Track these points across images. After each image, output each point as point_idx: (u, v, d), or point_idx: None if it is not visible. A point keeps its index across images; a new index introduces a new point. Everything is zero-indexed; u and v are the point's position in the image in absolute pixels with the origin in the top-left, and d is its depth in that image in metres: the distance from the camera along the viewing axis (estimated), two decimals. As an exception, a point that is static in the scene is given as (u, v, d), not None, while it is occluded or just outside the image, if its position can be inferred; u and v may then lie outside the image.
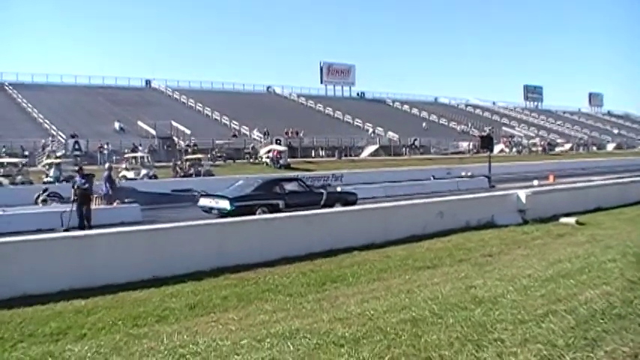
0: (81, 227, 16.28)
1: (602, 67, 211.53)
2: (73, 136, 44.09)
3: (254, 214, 17.43)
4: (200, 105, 65.54)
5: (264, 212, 18.00)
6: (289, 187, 20.50)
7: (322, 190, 21.59)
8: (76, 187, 17.39)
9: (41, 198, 23.29)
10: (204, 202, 19.99)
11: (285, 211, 17.43)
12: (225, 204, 18.63)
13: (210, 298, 8.98)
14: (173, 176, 35.66)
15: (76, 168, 20.97)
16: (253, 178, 23.64)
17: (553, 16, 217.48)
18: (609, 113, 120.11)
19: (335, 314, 7.08)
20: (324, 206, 19.56)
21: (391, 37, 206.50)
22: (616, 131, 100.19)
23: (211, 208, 19.24)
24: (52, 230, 15.40)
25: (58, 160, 34.81)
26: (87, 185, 17.52)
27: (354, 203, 20.83)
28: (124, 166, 35.39)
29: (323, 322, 6.74)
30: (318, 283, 9.81)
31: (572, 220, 16.71)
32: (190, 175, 35.48)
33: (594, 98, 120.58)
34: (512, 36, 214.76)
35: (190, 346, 6.14)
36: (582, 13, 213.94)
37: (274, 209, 18.55)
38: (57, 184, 28.86)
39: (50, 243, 10.82)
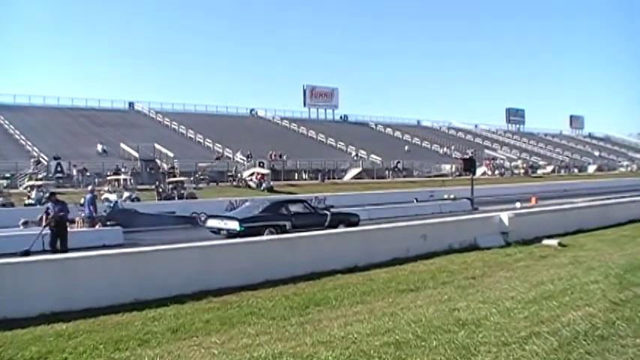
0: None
1: (583, 90, 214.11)
2: (55, 158, 43.78)
3: (262, 234, 17.64)
4: (183, 127, 65.32)
5: (271, 233, 18.31)
6: (295, 208, 20.75)
7: (326, 212, 21.80)
8: (51, 214, 16.18)
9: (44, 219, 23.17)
10: (212, 223, 20.18)
11: (292, 232, 17.79)
12: (234, 225, 18.80)
13: (193, 322, 8.91)
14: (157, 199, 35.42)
15: (47, 194, 20.51)
16: (260, 200, 23.96)
17: (534, 40, 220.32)
18: (590, 136, 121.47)
19: (318, 337, 7.05)
20: (329, 227, 19.82)
21: (374, 61, 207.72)
22: (597, 153, 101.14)
23: (220, 229, 19.44)
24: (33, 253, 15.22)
25: (39, 183, 34.58)
26: (62, 213, 16.43)
27: (356, 224, 21.22)
28: (106, 188, 35.06)
29: (306, 345, 6.72)
30: (302, 307, 9.78)
31: (554, 241, 16.81)
32: (173, 198, 35.23)
33: (575, 121, 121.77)
34: (494, 59, 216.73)
35: (172, 370, 6.10)
36: (563, 37, 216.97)
37: (281, 230, 18.92)
38: (38, 206, 28.71)
39: (31, 266, 10.70)
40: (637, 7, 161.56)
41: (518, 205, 31.30)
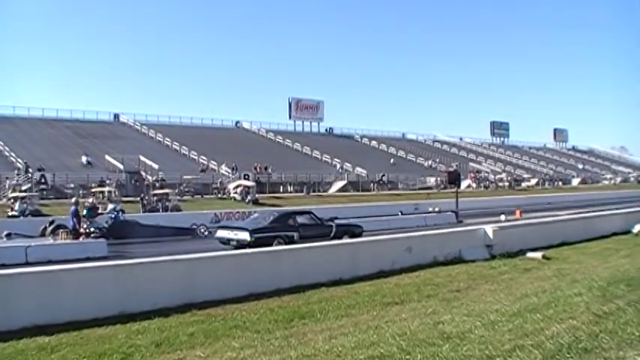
0: None
1: (566, 104, 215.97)
2: (39, 170, 43.50)
3: (271, 245, 17.78)
4: (168, 139, 65.04)
5: (280, 244, 18.55)
6: (301, 219, 21.09)
7: (331, 223, 22.02)
8: None
9: (49, 230, 23.21)
10: (222, 233, 20.43)
11: (300, 243, 18.01)
12: (245, 235, 19.08)
13: (177, 335, 8.85)
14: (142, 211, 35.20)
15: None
16: (268, 211, 24.38)
17: (518, 53, 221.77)
18: (574, 149, 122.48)
19: (303, 351, 7.04)
20: (334, 238, 20.30)
21: (359, 74, 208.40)
22: (581, 166, 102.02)
23: (230, 240, 19.65)
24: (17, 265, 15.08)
25: (23, 194, 34.31)
26: None
27: (360, 235, 21.50)
28: (90, 200, 34.81)
29: (291, 359, 6.71)
30: (286, 320, 9.75)
31: (538, 254, 16.87)
32: (158, 210, 35.07)
33: (559, 134, 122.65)
34: (479, 73, 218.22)
35: (156, 384, 6.06)
36: (546, 50, 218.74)
37: (290, 241, 19.26)
38: (22, 218, 28.78)
39: (13, 278, 10.61)
40: (621, 20, 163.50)
41: (502, 217, 31.44)
